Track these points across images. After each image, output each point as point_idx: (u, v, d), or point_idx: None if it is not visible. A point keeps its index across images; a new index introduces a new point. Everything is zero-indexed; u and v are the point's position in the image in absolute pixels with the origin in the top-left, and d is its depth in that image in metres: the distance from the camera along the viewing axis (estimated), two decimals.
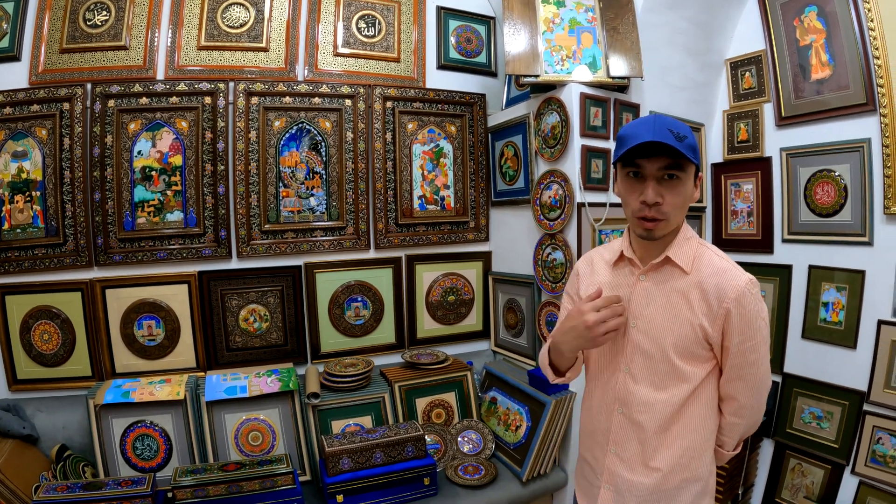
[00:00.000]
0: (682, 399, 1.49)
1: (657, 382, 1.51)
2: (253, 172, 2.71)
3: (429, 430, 2.69)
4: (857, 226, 2.65)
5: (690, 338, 1.46)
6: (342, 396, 2.63)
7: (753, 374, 1.48)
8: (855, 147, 2.63)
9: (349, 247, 2.93)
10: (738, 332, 1.42)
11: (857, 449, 2.66)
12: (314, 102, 2.79)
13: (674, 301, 1.49)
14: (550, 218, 2.70)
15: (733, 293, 1.40)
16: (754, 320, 1.42)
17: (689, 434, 1.52)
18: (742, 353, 1.45)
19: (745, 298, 1.40)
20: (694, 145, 1.40)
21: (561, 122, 2.61)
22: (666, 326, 1.49)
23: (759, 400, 1.55)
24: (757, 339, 1.44)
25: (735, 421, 1.58)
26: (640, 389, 1.53)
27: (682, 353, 1.47)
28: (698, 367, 1.49)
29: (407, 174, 3.05)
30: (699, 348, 1.47)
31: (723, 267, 1.46)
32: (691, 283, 1.47)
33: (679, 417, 1.51)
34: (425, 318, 3.19)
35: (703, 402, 1.52)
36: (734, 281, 1.42)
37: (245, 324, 2.76)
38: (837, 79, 2.69)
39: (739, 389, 1.51)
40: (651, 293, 1.53)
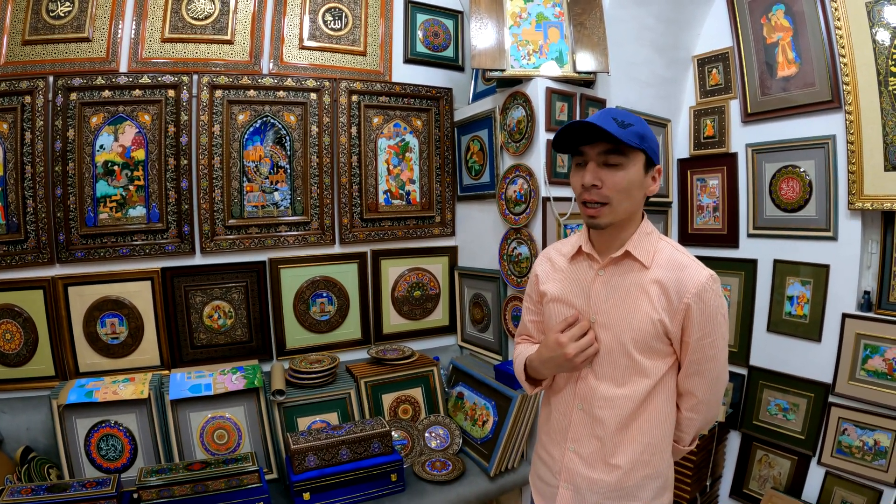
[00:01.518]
0: (642, 394, 1.55)
1: (617, 378, 1.57)
2: (217, 167, 2.83)
3: (395, 426, 2.84)
4: (821, 221, 2.85)
5: (650, 332, 1.52)
6: (308, 393, 2.78)
7: (711, 370, 1.56)
8: (820, 143, 2.83)
9: (314, 242, 3.07)
10: (697, 327, 1.49)
11: (822, 440, 2.87)
12: (279, 96, 2.92)
13: (633, 295, 1.55)
14: (516, 212, 2.86)
15: (694, 288, 1.47)
16: (714, 316, 1.50)
17: (651, 430, 1.58)
18: (701, 349, 1.53)
19: (706, 294, 1.48)
20: (641, 133, 1.47)
21: (526, 116, 2.77)
22: (625, 321, 1.54)
23: (716, 395, 1.63)
24: (716, 335, 1.52)
25: (692, 416, 1.66)
26: (600, 385, 1.58)
27: (641, 348, 1.54)
28: (658, 361, 1.56)
29: (372, 168, 3.19)
30: (658, 343, 1.53)
31: (683, 262, 1.53)
32: (651, 278, 1.53)
33: (640, 413, 1.57)
34: (391, 314, 3.35)
35: (663, 398, 1.59)
36: (695, 276, 1.48)
37: (209, 321, 2.89)
38: (804, 76, 2.88)
39: (697, 385, 1.59)
40: (610, 287, 1.59)
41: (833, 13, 2.69)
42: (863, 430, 2.72)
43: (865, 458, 2.72)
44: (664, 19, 3.14)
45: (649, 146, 1.49)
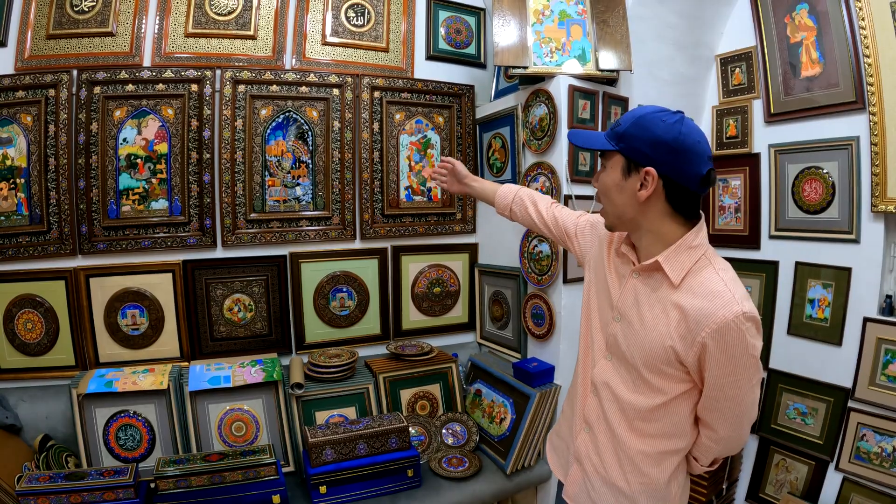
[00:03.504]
0: (650, 407, 1.48)
1: (631, 382, 1.52)
2: (239, 161, 2.79)
3: (413, 421, 2.79)
4: (844, 223, 2.75)
5: (660, 356, 1.42)
6: (326, 387, 2.73)
7: (732, 409, 1.42)
8: (843, 145, 2.73)
9: (335, 237, 3.02)
10: (716, 365, 1.34)
11: (841, 445, 2.77)
12: (301, 91, 2.87)
13: (655, 313, 1.44)
14: None
15: (714, 325, 1.29)
16: (739, 357, 1.31)
17: (656, 440, 1.52)
18: (720, 388, 1.38)
19: (729, 333, 1.29)
20: (622, 132, 1.40)
21: (549, 113, 2.70)
22: (640, 337, 1.47)
23: (737, 432, 1.49)
24: (739, 376, 1.35)
25: (710, 445, 1.55)
26: (616, 382, 1.56)
27: (651, 368, 1.45)
28: (669, 383, 1.45)
29: (394, 165, 3.14)
30: (670, 368, 1.42)
31: (716, 290, 1.33)
32: (676, 300, 1.39)
33: (646, 423, 1.51)
34: (411, 310, 3.29)
35: (672, 417, 1.50)
36: (721, 311, 1.29)
37: (229, 314, 2.85)
38: (827, 76, 2.79)
39: (716, 420, 1.47)
40: (639, 296, 1.50)
41: (857, 13, 2.61)
42: (882, 436, 2.63)
43: (884, 464, 2.62)
44: (687, 17, 3.06)
45: (629, 145, 1.39)
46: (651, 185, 1.36)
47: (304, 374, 2.75)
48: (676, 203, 1.40)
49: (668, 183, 1.37)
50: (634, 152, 1.38)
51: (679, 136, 1.34)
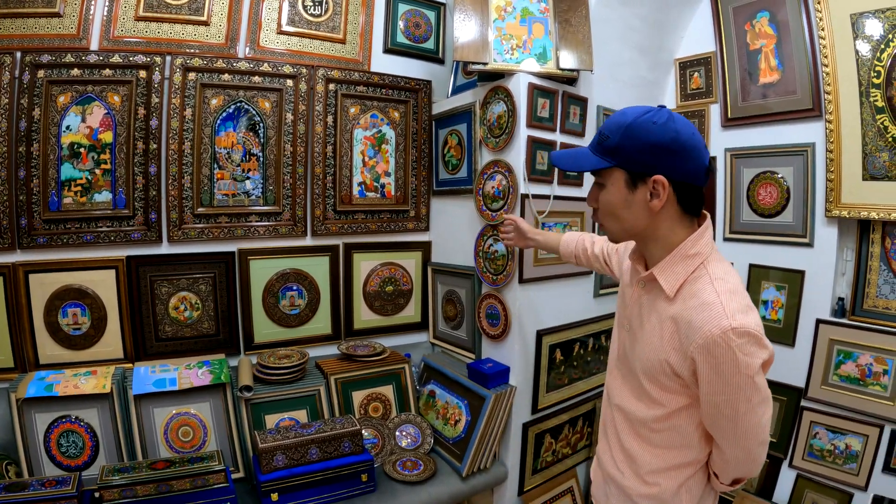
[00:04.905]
0: (653, 418, 1.51)
1: (635, 392, 1.57)
2: (187, 152, 2.78)
3: (366, 424, 2.83)
4: (798, 227, 2.95)
5: (657, 369, 1.44)
6: (276, 389, 2.73)
7: (731, 429, 1.38)
8: (799, 151, 2.93)
9: (285, 233, 3.04)
10: (707, 382, 1.32)
11: (794, 443, 2.98)
12: (254, 81, 2.88)
13: (652, 325, 1.47)
14: (493, 209, 2.86)
15: (701, 339, 1.28)
16: (730, 376, 1.27)
17: (662, 452, 1.54)
18: (714, 405, 1.35)
19: (716, 349, 1.26)
20: (615, 146, 1.39)
21: (507, 111, 2.77)
22: (641, 347, 1.51)
23: (743, 453, 1.43)
24: (732, 396, 1.30)
25: (720, 463, 1.53)
26: (623, 391, 1.63)
27: (650, 379, 1.48)
28: (669, 395, 1.46)
29: (347, 160, 3.17)
30: (668, 380, 1.43)
31: (707, 301, 1.32)
32: (670, 312, 1.41)
33: (651, 434, 1.54)
34: (362, 309, 3.33)
35: (675, 431, 1.50)
36: (707, 325, 1.28)
37: (175, 312, 2.84)
38: (785, 84, 2.98)
39: (720, 438, 1.44)
40: (641, 306, 1.54)
41: (818, 23, 2.79)
42: (834, 434, 2.86)
43: (837, 461, 2.89)
44: (649, 21, 3.18)
45: (627, 158, 1.38)
46: (664, 193, 1.36)
47: (253, 376, 2.74)
48: (686, 204, 1.41)
49: (677, 185, 1.37)
50: (635, 164, 1.37)
51: (676, 135, 1.34)
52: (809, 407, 2.93)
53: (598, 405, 3.28)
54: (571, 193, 2.97)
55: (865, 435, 2.77)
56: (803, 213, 2.93)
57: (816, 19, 2.79)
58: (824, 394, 2.87)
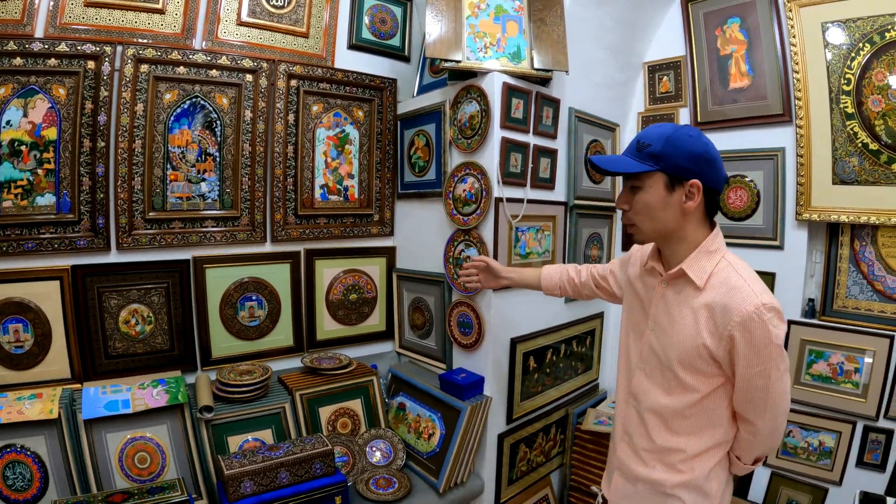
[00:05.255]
0: (686, 407, 1.65)
1: (666, 387, 1.69)
2: (138, 151, 2.56)
3: (335, 441, 2.68)
4: (768, 230, 3.02)
5: (694, 354, 1.59)
6: (238, 408, 2.56)
7: (763, 399, 1.56)
8: (769, 155, 3.00)
9: (243, 239, 2.85)
10: (743, 357, 1.50)
11: None
12: (211, 75, 2.69)
13: (685, 315, 1.62)
14: (465, 213, 2.78)
15: (738, 317, 1.48)
16: (763, 347, 1.48)
17: (691, 442, 1.67)
18: (748, 378, 1.53)
19: (752, 324, 1.46)
20: (657, 152, 1.56)
21: (480, 111, 2.69)
22: (674, 338, 1.64)
23: (772, 423, 1.63)
24: (766, 366, 1.50)
25: (748, 438, 1.69)
26: (651, 389, 1.74)
27: (686, 367, 1.62)
28: (703, 380, 1.61)
29: (309, 161, 3.01)
30: (703, 364, 1.59)
31: (736, 285, 1.53)
32: (703, 301, 1.57)
33: (683, 424, 1.68)
34: (325, 319, 3.17)
35: (709, 414, 1.65)
36: (742, 304, 1.48)
37: (126, 327, 2.61)
38: (756, 89, 3.04)
39: (749, 410, 1.61)
40: (668, 302, 1.69)
41: (789, 31, 2.86)
42: (808, 431, 2.96)
43: (811, 458, 3.00)
44: (622, 21, 3.18)
45: (669, 163, 1.55)
46: (698, 196, 1.56)
47: (213, 395, 2.56)
48: (710, 208, 1.63)
49: (706, 191, 1.57)
50: (677, 169, 1.55)
51: (707, 147, 1.57)
52: None
53: (570, 410, 3.24)
54: (544, 197, 2.92)
55: (838, 431, 2.91)
56: (773, 217, 3.00)
57: (788, 27, 2.87)
58: (797, 393, 2.94)
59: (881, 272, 2.80)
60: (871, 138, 2.69)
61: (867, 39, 2.66)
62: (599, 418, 3.14)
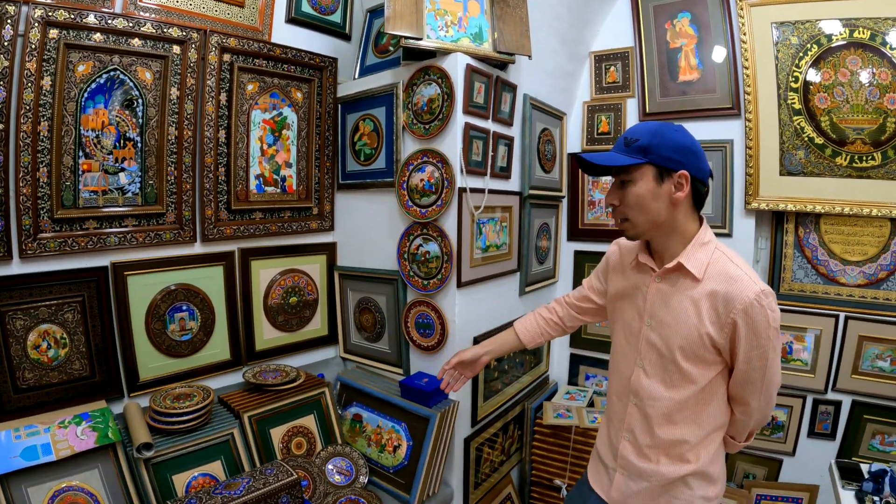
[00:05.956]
0: (688, 397, 1.58)
1: (666, 380, 1.61)
2: (44, 135, 1.93)
3: (291, 464, 2.22)
4: (717, 219, 2.97)
5: (697, 343, 1.53)
6: (180, 440, 2.04)
7: (761, 379, 1.54)
8: (718, 147, 2.94)
9: (170, 240, 2.28)
10: (745, 341, 1.48)
11: None
12: (133, 45, 2.08)
13: (685, 306, 1.55)
14: (422, 204, 2.41)
15: (741, 304, 1.45)
16: (763, 331, 1.46)
17: (695, 431, 1.61)
18: (749, 360, 1.51)
19: (753, 310, 1.44)
20: (645, 145, 1.49)
21: (442, 95, 2.34)
22: (675, 330, 1.56)
23: (766, 400, 1.61)
24: (765, 348, 1.48)
25: (744, 419, 1.67)
26: (651, 384, 1.64)
27: (688, 357, 1.55)
28: (705, 369, 1.56)
29: (243, 147, 2.47)
30: (706, 353, 1.53)
31: (734, 275, 1.49)
32: (703, 291, 1.52)
33: (686, 415, 1.60)
34: (264, 326, 2.65)
35: (710, 402, 1.60)
36: (744, 293, 1.45)
37: (36, 352, 1.97)
38: (705, 82, 2.97)
39: (748, 392, 1.58)
40: (665, 295, 1.60)
41: (739, 28, 2.80)
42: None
43: (765, 432, 3.03)
44: (573, 10, 2.95)
45: (657, 155, 1.49)
46: (686, 186, 1.51)
47: (148, 426, 2.01)
48: (697, 200, 1.57)
49: (694, 181, 1.52)
50: (665, 160, 1.49)
51: (693, 140, 1.54)
52: None
53: (527, 405, 2.97)
54: (502, 187, 2.61)
55: (790, 406, 2.97)
56: (722, 206, 2.95)
57: (739, 24, 2.81)
58: None
59: (824, 257, 2.83)
60: (816, 133, 2.71)
61: (815, 41, 2.67)
62: (558, 411, 2.90)
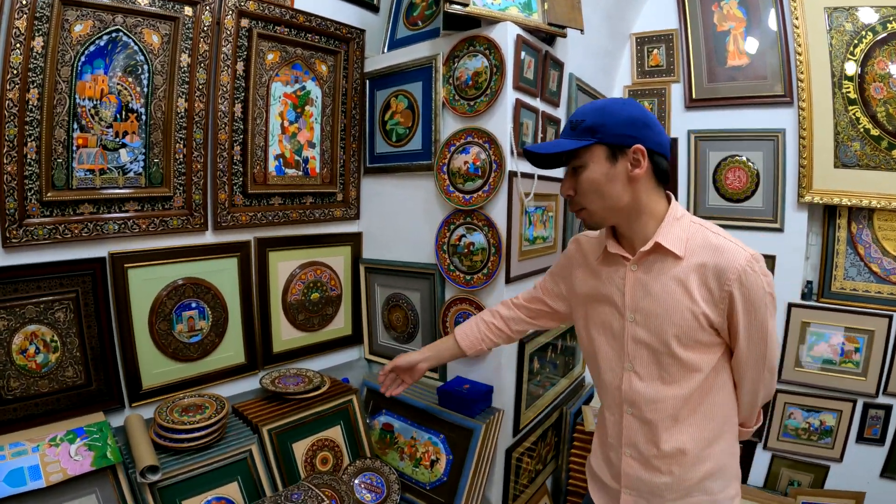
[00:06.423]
0: (694, 389, 1.37)
1: (665, 377, 1.39)
2: (33, 104, 1.54)
3: (317, 482, 1.87)
4: (768, 212, 2.73)
5: (693, 327, 1.33)
6: (191, 460, 1.68)
7: (763, 351, 1.36)
8: (769, 136, 2.72)
9: (177, 227, 1.89)
10: (743, 312, 1.30)
11: (769, 426, 2.86)
12: (139, 3, 1.69)
13: (671, 289, 1.35)
14: (466, 190, 2.07)
15: (733, 274, 1.27)
16: (761, 299, 1.29)
17: (708, 424, 1.40)
18: (748, 332, 1.33)
19: (748, 278, 1.27)
20: (591, 125, 1.32)
21: (490, 67, 1.99)
22: (665, 317, 1.36)
23: (771, 372, 1.42)
24: (763, 315, 1.31)
25: (751, 399, 1.47)
26: (647, 387, 1.41)
27: (685, 344, 1.35)
28: (706, 354, 1.36)
29: (262, 123, 2.08)
30: (704, 335, 1.34)
31: (720, 245, 1.31)
32: (688, 268, 1.33)
33: (695, 409, 1.40)
34: (282, 325, 2.26)
35: (717, 389, 1.41)
36: (734, 261, 1.27)
37: (23, 358, 1.59)
38: (755, 68, 2.75)
39: (751, 367, 1.39)
40: (645, 283, 1.40)
41: (792, 13, 2.58)
42: (809, 412, 2.78)
43: (812, 438, 2.80)
44: None
45: (606, 132, 1.32)
46: (644, 161, 1.32)
47: (153, 444, 1.64)
48: (659, 174, 1.37)
49: (652, 155, 1.33)
50: (615, 137, 1.32)
51: (643, 111, 1.36)
52: (784, 389, 2.81)
53: (565, 410, 2.62)
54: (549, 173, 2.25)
55: (839, 410, 2.75)
56: (773, 198, 2.71)
57: (791, 9, 2.58)
58: (798, 375, 2.78)
59: (877, 254, 2.61)
60: (872, 124, 2.51)
61: (869, 28, 2.44)
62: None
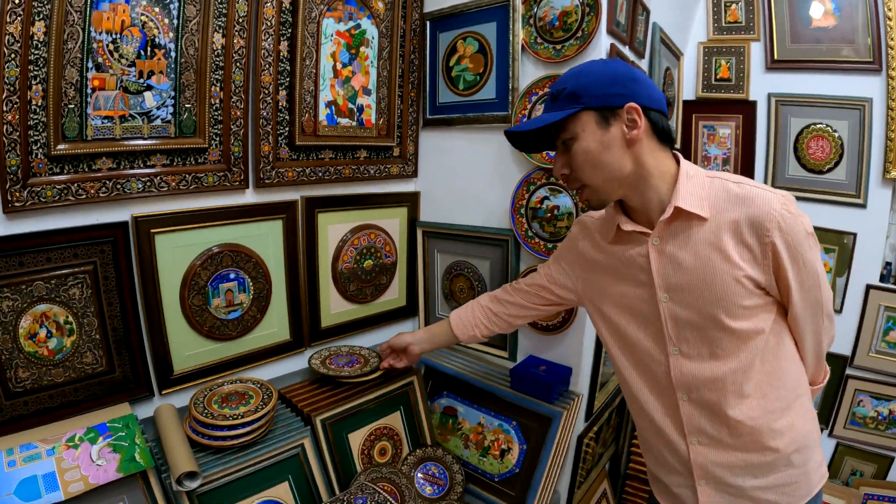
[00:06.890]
0: (753, 359, 1.19)
1: (717, 353, 1.21)
2: (38, 39, 1.17)
3: (374, 476, 1.57)
4: (851, 186, 2.50)
5: (738, 293, 1.15)
6: (234, 460, 1.37)
7: (818, 298, 1.19)
8: (855, 105, 2.44)
9: (213, 185, 1.53)
10: (791, 261, 1.13)
11: (836, 412, 2.63)
12: None
13: (705, 256, 1.17)
14: None
15: (771, 222, 1.10)
16: (802, 241, 1.13)
17: (778, 392, 1.22)
18: (800, 282, 1.15)
19: (787, 222, 1.10)
20: (573, 90, 1.14)
21: (582, 6, 1.62)
22: (705, 289, 1.17)
23: (829, 315, 1.25)
24: (812, 259, 1.15)
25: (816, 352, 1.29)
26: (700, 367, 1.23)
27: (734, 314, 1.16)
28: (758, 318, 1.18)
29: (311, 64, 1.68)
30: (752, 299, 1.16)
31: (747, 194, 1.14)
32: (718, 228, 1.15)
33: (760, 380, 1.21)
34: (332, 297, 1.92)
35: (780, 350, 1.23)
36: (767, 208, 1.10)
37: (32, 343, 1.26)
38: (842, 31, 2.45)
39: (809, 317, 1.21)
40: (674, 256, 1.20)
41: None
42: (879, 400, 2.56)
43: (879, 427, 2.59)
44: None
45: (592, 96, 1.13)
46: (641, 120, 1.12)
47: (189, 442, 1.34)
48: (660, 133, 1.17)
49: (647, 112, 1.14)
50: (602, 98, 1.13)
51: (628, 67, 1.18)
52: (855, 375, 2.56)
53: None
54: None
55: None
56: (857, 172, 2.46)
57: None
58: (871, 361, 2.52)
59: None
60: None
61: None
62: None
